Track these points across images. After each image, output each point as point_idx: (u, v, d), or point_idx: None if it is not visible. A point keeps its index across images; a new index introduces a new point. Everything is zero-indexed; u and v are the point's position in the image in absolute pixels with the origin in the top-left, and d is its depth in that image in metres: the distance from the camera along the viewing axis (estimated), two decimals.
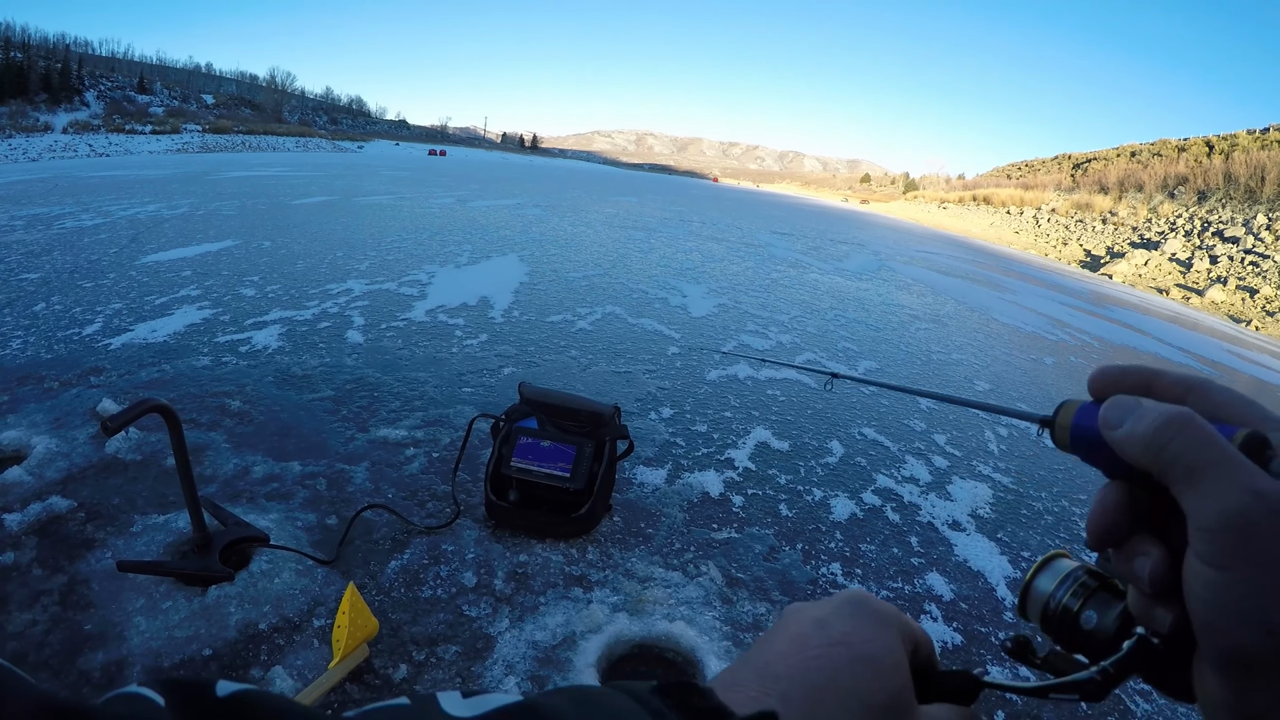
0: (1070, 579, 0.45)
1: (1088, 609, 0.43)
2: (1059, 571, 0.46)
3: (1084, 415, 0.42)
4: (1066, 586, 0.45)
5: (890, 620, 0.46)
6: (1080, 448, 0.43)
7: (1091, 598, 0.44)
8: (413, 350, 4.34)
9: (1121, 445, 0.39)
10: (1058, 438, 0.44)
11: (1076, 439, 0.43)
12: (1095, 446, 0.41)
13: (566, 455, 2.48)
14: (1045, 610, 0.45)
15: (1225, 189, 43.58)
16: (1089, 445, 0.42)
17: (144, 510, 2.35)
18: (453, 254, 8.03)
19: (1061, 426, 0.43)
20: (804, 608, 0.48)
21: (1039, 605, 0.46)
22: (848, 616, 0.45)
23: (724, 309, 6.86)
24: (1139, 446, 0.38)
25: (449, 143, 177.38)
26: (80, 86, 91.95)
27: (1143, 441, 0.38)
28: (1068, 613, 0.44)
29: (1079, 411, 0.43)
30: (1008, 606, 2.61)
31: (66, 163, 22.96)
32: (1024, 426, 4.69)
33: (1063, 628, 0.45)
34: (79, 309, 4.42)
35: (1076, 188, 62.41)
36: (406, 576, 2.21)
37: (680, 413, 3.90)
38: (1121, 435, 0.39)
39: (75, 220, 7.76)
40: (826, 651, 0.43)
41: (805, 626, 0.45)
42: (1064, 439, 0.44)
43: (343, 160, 33.23)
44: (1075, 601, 0.44)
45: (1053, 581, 0.45)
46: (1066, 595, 0.45)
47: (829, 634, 0.44)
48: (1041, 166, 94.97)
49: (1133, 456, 0.38)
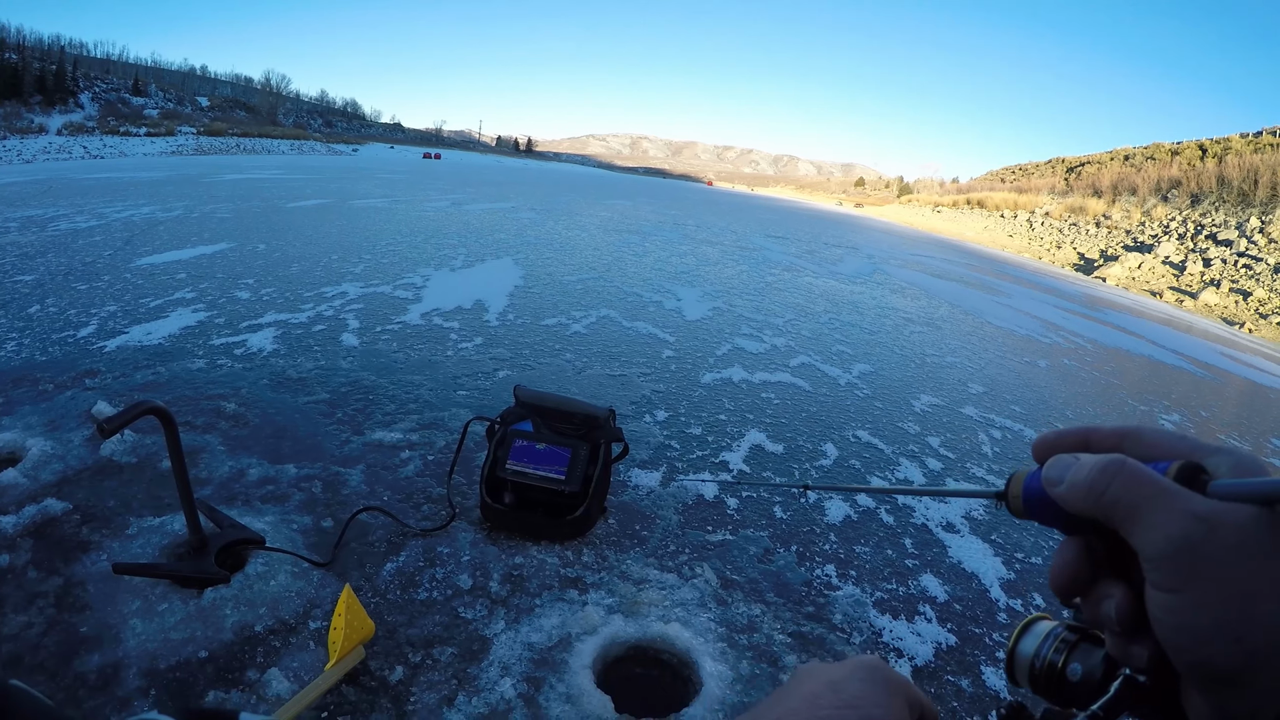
0: (1050, 636, 0.46)
1: (1072, 661, 0.45)
2: (1039, 633, 0.47)
3: (1032, 480, 0.45)
4: (1049, 644, 0.46)
5: (900, 689, 0.48)
6: (1034, 512, 0.45)
7: (1074, 650, 0.45)
8: (408, 353, 4.34)
9: (1065, 498, 0.41)
10: (1012, 507, 0.46)
11: (1028, 504, 0.45)
12: (1046, 507, 0.43)
13: (562, 458, 2.48)
14: (1032, 671, 0.46)
15: (1218, 192, 43.74)
16: (1041, 508, 0.44)
17: (139, 513, 2.35)
18: (447, 257, 8.04)
19: (1014, 496, 0.46)
20: (819, 669, 0.50)
21: (1025, 668, 0.47)
22: (861, 681, 0.47)
23: (719, 312, 6.88)
24: (1080, 496, 0.40)
25: (444, 146, 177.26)
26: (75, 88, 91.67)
27: (1083, 491, 0.40)
28: (1053, 668, 0.45)
29: (1027, 479, 0.45)
30: (1001, 608, 2.62)
31: (61, 165, 22.90)
32: (1017, 429, 4.71)
33: (1051, 684, 0.45)
34: (74, 311, 4.41)
35: (1070, 191, 62.57)
36: (402, 579, 2.22)
37: (675, 415, 3.91)
38: (1064, 490, 0.41)
39: (70, 222, 7.74)
40: (837, 713, 0.45)
41: (819, 687, 0.47)
42: (1018, 507, 0.46)
43: (337, 163, 33.19)
44: (1059, 657, 0.45)
45: (1035, 642, 0.47)
46: (1050, 652, 0.46)
47: (841, 697, 0.46)
48: (1035, 170, 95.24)
49: (1077, 506, 0.40)
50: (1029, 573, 2.91)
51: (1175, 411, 6.44)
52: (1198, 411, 6.77)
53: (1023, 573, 2.89)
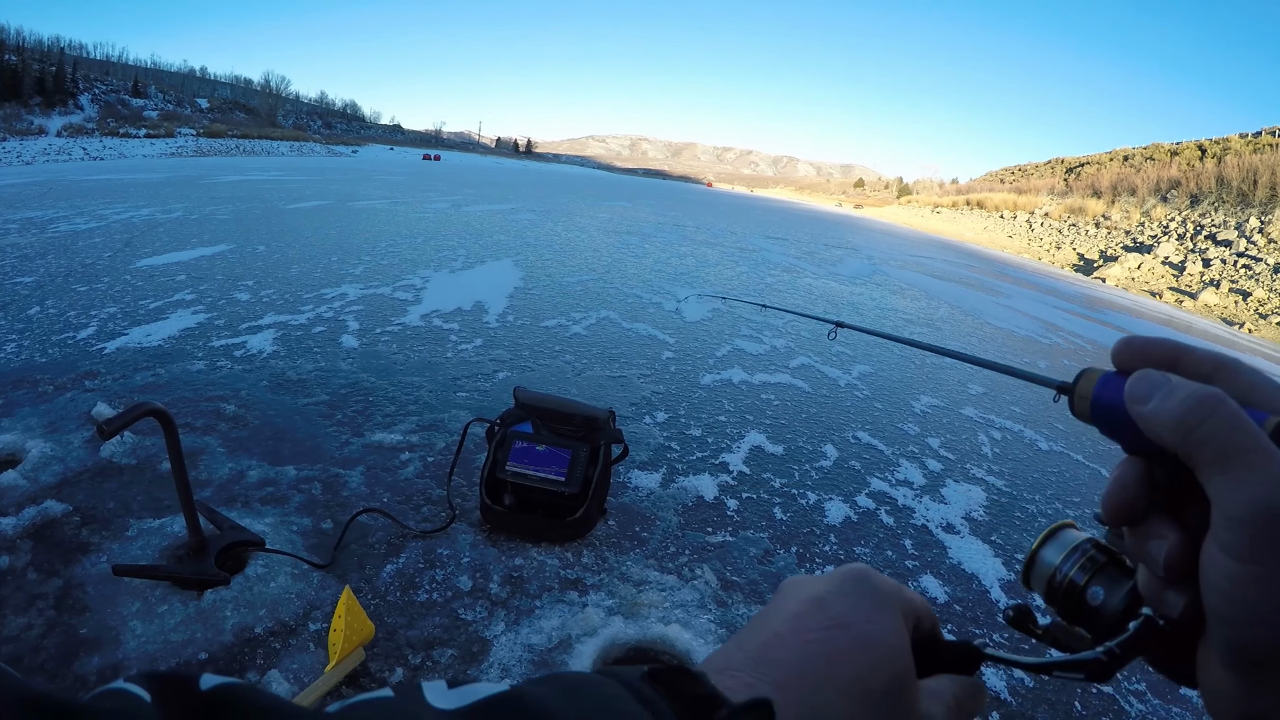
0: (1078, 552, 0.44)
1: (1095, 584, 0.42)
2: (1066, 543, 0.44)
3: (1107, 386, 0.40)
4: (1074, 560, 0.43)
5: (892, 598, 0.44)
6: (1101, 420, 0.41)
7: (1099, 573, 0.43)
8: (407, 355, 4.34)
9: (1149, 422, 0.37)
10: (1077, 407, 0.42)
11: (1098, 410, 0.41)
12: (1117, 419, 0.39)
13: (561, 459, 2.48)
14: (1050, 582, 0.44)
15: (1218, 192, 43.76)
16: (1111, 418, 0.40)
17: (139, 514, 2.35)
18: (447, 259, 8.04)
19: (1082, 396, 0.42)
20: (803, 582, 0.46)
21: (1044, 576, 0.44)
22: (848, 595, 0.44)
23: (718, 313, 6.88)
24: (1167, 425, 0.36)
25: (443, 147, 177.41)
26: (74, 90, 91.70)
27: (1172, 420, 0.36)
28: (1074, 587, 0.43)
29: (1101, 381, 0.41)
30: (1002, 609, 2.62)
31: (60, 166, 22.89)
32: (1017, 430, 4.71)
33: (1068, 601, 0.43)
34: (73, 313, 4.41)
35: (1069, 192, 62.61)
36: (402, 580, 2.22)
37: (675, 417, 3.91)
38: (1149, 411, 0.37)
39: (69, 224, 7.74)
40: (825, 635, 0.41)
41: (804, 605, 0.43)
42: (1084, 409, 0.42)
43: (337, 165, 33.20)
44: (1082, 576, 0.43)
45: (1060, 553, 0.44)
46: (1074, 568, 0.43)
47: (828, 614, 0.42)
48: (1034, 171, 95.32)
49: (1159, 434, 0.37)
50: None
51: None
52: None
53: (1020, 586, 2.89)
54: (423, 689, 0.33)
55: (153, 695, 0.27)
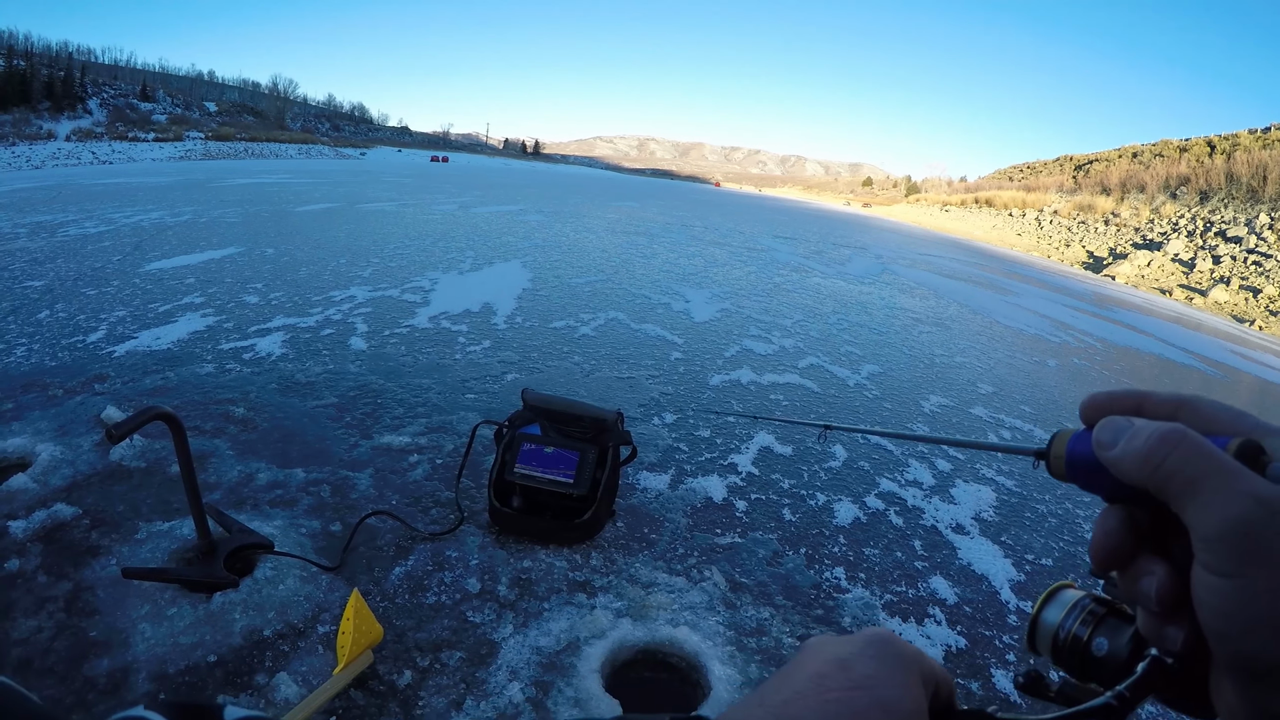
0: (1078, 608, 0.45)
1: (1098, 636, 0.43)
2: (1066, 602, 0.45)
3: (1078, 442, 0.43)
4: (1075, 616, 0.44)
5: (913, 663, 0.45)
6: (1077, 475, 0.43)
7: (1101, 624, 0.43)
8: (416, 357, 4.34)
9: (1117, 464, 0.39)
10: (1054, 468, 0.44)
11: (1072, 466, 0.43)
12: (1092, 471, 0.41)
13: (570, 461, 2.48)
14: (1055, 642, 0.45)
15: (1227, 189, 43.51)
16: (1086, 471, 0.42)
17: (148, 517, 2.35)
18: (455, 260, 8.05)
19: (1056, 456, 0.44)
20: (825, 643, 0.47)
21: (1048, 637, 0.45)
22: (871, 658, 0.44)
23: (727, 314, 6.87)
24: (1135, 464, 0.38)
25: (451, 149, 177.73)
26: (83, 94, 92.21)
27: (1138, 458, 0.38)
28: (1078, 642, 0.44)
29: (1072, 439, 0.43)
30: (1012, 610, 2.61)
31: (70, 170, 23.04)
32: (1027, 429, 4.68)
33: (1074, 657, 0.44)
34: (83, 316, 4.43)
35: (1078, 189, 62.34)
36: (410, 583, 2.22)
37: (683, 418, 3.90)
38: (1116, 454, 0.39)
39: (79, 228, 7.79)
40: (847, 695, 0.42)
41: (827, 666, 0.44)
42: (1060, 468, 0.44)
43: (345, 167, 33.31)
44: (1085, 630, 0.44)
45: (1060, 612, 0.45)
46: (1075, 624, 0.44)
47: (851, 676, 0.43)
48: (1043, 168, 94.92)
49: (1129, 475, 0.38)
50: (1039, 574, 2.89)
51: None
52: None
53: (1033, 574, 2.87)
54: None
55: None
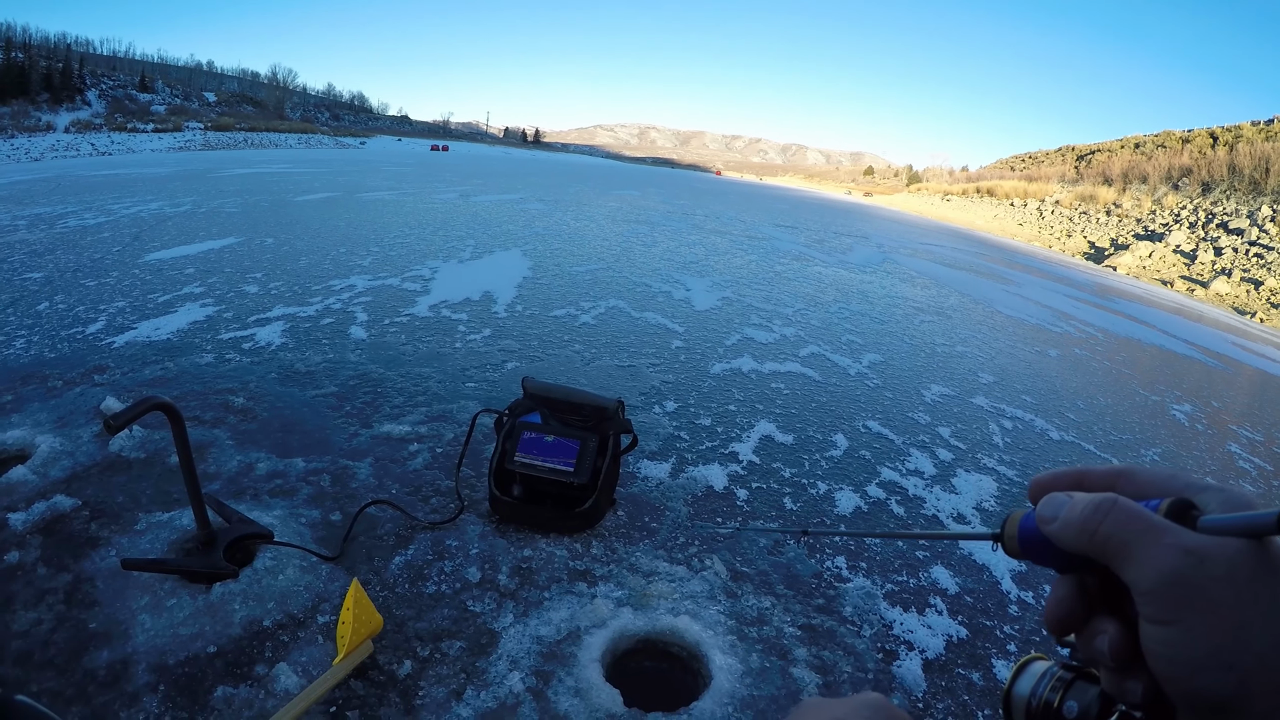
0: (1046, 676, 0.47)
1: (1068, 700, 0.45)
2: (1035, 672, 0.48)
3: (1028, 521, 0.45)
4: (1045, 683, 0.47)
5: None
6: (1029, 552, 0.46)
7: (1070, 688, 0.46)
8: (416, 346, 4.33)
9: (1058, 536, 0.42)
10: (1008, 548, 0.47)
11: (1024, 545, 0.46)
12: (1041, 547, 0.44)
13: (570, 450, 2.47)
14: (1029, 710, 0.47)
15: (1229, 181, 43.38)
16: (1036, 548, 0.45)
17: (148, 508, 2.35)
18: (455, 249, 8.03)
19: (1009, 537, 0.46)
20: (821, 705, 0.49)
21: (1022, 708, 0.47)
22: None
23: (728, 302, 6.85)
24: (1073, 533, 0.41)
25: (451, 138, 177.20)
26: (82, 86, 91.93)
27: (1075, 528, 0.41)
28: (1049, 707, 0.46)
29: (1023, 519, 0.46)
30: (1013, 600, 2.60)
31: (69, 162, 22.99)
32: (1028, 419, 4.68)
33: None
34: (82, 307, 4.42)
35: (1080, 179, 62.17)
36: (411, 572, 2.21)
37: (684, 406, 3.90)
38: (1057, 528, 0.42)
39: (78, 219, 7.77)
40: None
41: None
42: (1014, 548, 0.46)
43: (345, 156, 33.22)
44: (1055, 695, 0.46)
45: (1031, 682, 0.47)
46: (1045, 691, 0.46)
47: None
48: (1045, 158, 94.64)
49: (1070, 544, 0.41)
50: (1040, 567, 2.88)
51: (1186, 402, 6.39)
52: (1209, 402, 6.71)
53: (1034, 566, 2.86)
54: None
55: None
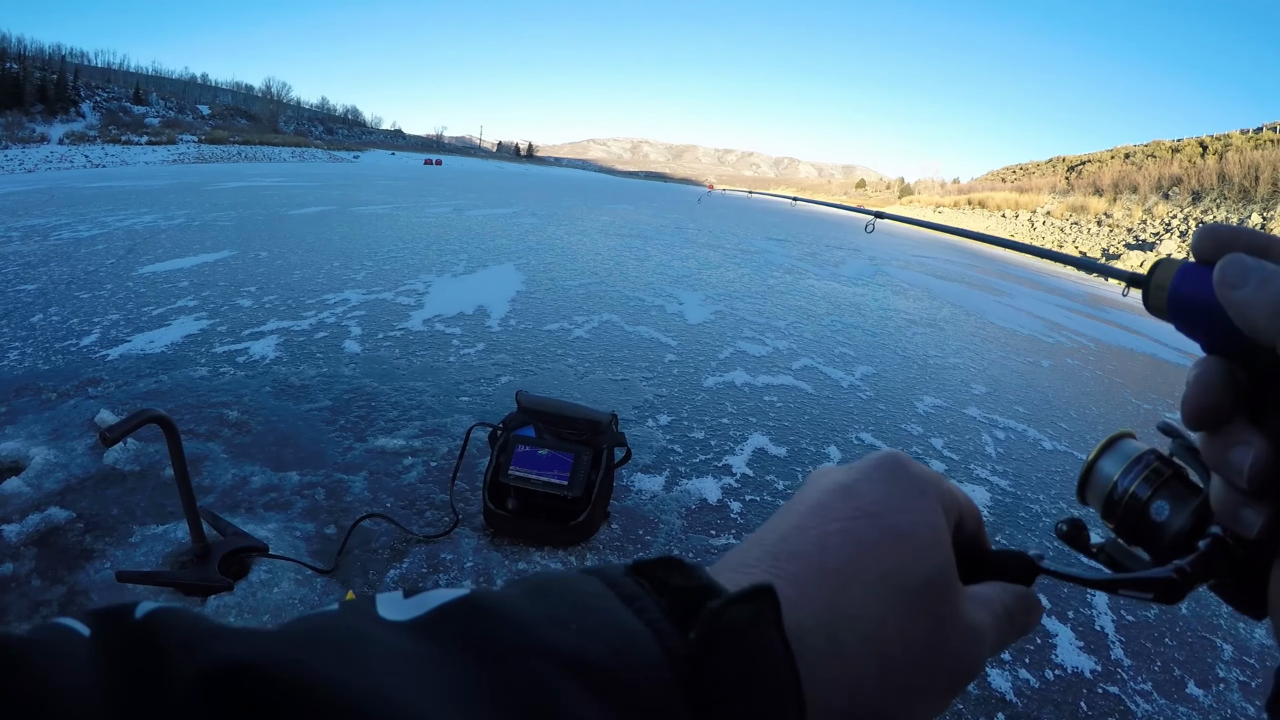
0: (1141, 464, 0.41)
1: (1159, 499, 0.39)
2: (1127, 454, 0.41)
3: (1187, 277, 0.36)
4: (1136, 472, 0.40)
5: (929, 486, 0.39)
6: (1180, 314, 0.37)
7: (1163, 487, 0.39)
8: (410, 360, 4.34)
9: (1243, 309, 0.33)
10: (1152, 300, 0.38)
11: (1176, 302, 0.37)
12: (1201, 312, 0.36)
13: (564, 463, 2.48)
14: (1110, 496, 0.41)
15: (1219, 189, 43.73)
16: (1191, 311, 0.36)
17: (143, 521, 2.35)
18: (449, 263, 8.05)
19: (1159, 286, 0.37)
20: (830, 471, 0.41)
21: (1102, 490, 0.41)
22: (879, 481, 0.38)
23: (721, 316, 6.87)
24: (1266, 312, 0.32)
25: (444, 152, 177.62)
26: (76, 97, 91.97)
27: (1272, 306, 0.32)
28: (1136, 501, 0.40)
29: (1181, 270, 0.37)
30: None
31: (63, 174, 22.95)
32: (1020, 429, 4.70)
33: (1129, 517, 0.40)
34: (76, 320, 4.42)
35: (1071, 190, 62.59)
36: (405, 585, 2.22)
37: (677, 419, 3.91)
38: (1242, 297, 0.33)
39: (72, 231, 7.76)
40: (851, 525, 0.36)
41: (829, 494, 0.38)
42: (1160, 301, 0.37)
43: (339, 170, 33.26)
44: (1146, 489, 0.40)
45: (1119, 465, 0.41)
46: (1136, 482, 0.40)
47: (856, 503, 0.37)
48: (1036, 169, 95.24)
49: (1256, 324, 0.33)
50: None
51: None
52: None
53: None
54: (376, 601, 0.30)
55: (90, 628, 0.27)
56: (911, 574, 0.34)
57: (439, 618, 0.28)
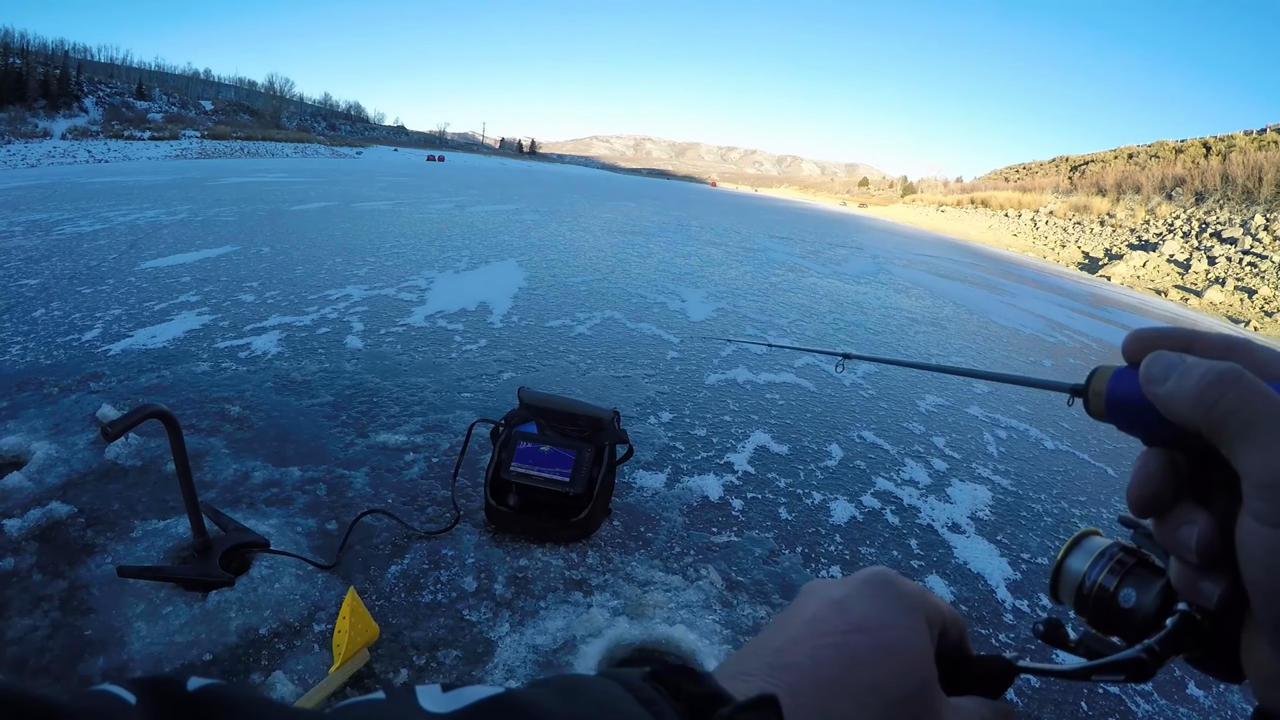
0: (1105, 557, 0.43)
1: (1125, 587, 0.41)
2: (1092, 549, 0.43)
3: (1120, 380, 0.40)
4: (1102, 564, 0.42)
5: (916, 603, 0.42)
6: (1118, 414, 0.40)
7: (1129, 575, 0.41)
8: (412, 356, 4.34)
9: (1168, 401, 0.36)
10: (1092, 406, 0.41)
11: (1113, 405, 0.40)
12: (1135, 410, 0.39)
13: (566, 460, 2.48)
14: (1080, 591, 0.43)
15: (1223, 190, 43.66)
16: (1127, 410, 0.39)
17: (144, 516, 2.35)
18: (451, 259, 8.04)
19: (1096, 393, 0.40)
20: (822, 586, 0.44)
21: (1073, 586, 0.43)
22: (869, 598, 0.42)
23: (723, 313, 6.87)
24: (1187, 401, 0.35)
25: (447, 148, 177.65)
26: (79, 93, 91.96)
27: (1191, 396, 0.34)
28: (1104, 592, 0.42)
29: (1115, 375, 0.40)
30: (1008, 609, 2.61)
31: (65, 169, 22.97)
32: (1022, 428, 4.69)
33: (1099, 608, 0.42)
34: (78, 315, 4.42)
35: (1074, 190, 62.49)
36: (407, 581, 2.22)
37: (679, 417, 3.91)
38: (1167, 391, 0.36)
39: (74, 226, 7.77)
40: (843, 639, 0.39)
41: (823, 609, 0.41)
42: (1099, 406, 0.40)
43: (341, 166, 33.26)
44: (1112, 579, 0.42)
45: (1086, 560, 0.43)
46: (1102, 573, 0.42)
47: (848, 618, 0.40)
48: (1039, 169, 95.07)
49: (1180, 413, 0.35)
50: (1035, 573, 2.89)
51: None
52: None
53: (1029, 573, 2.88)
54: (416, 693, 0.32)
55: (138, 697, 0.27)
56: (898, 687, 0.38)
57: (476, 713, 0.31)
